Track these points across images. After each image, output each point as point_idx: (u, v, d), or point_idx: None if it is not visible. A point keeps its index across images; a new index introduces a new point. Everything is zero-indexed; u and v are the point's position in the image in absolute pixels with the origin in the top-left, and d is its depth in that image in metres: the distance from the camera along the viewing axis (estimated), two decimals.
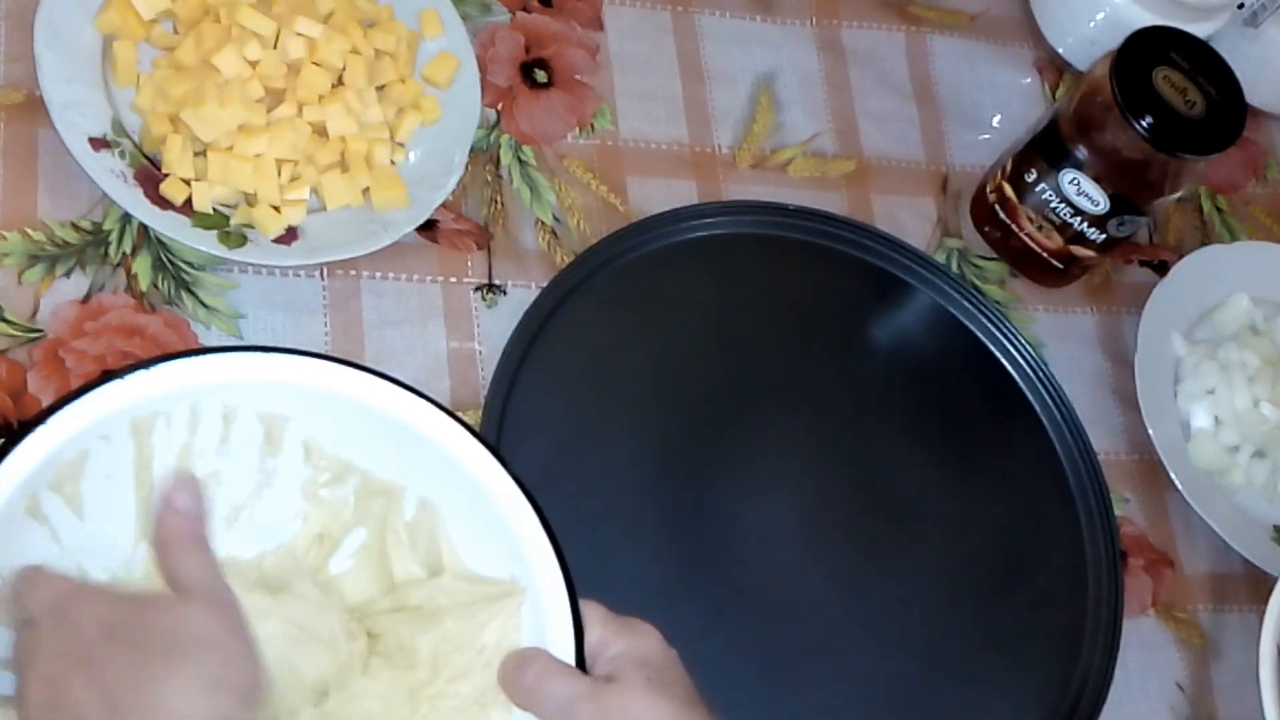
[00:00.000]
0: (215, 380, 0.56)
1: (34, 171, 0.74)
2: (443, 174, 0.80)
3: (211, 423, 0.58)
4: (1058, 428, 0.89)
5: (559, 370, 0.79)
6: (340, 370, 0.58)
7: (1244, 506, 0.91)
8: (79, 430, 0.53)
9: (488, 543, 0.59)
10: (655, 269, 0.84)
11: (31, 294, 0.71)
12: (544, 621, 0.57)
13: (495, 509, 0.58)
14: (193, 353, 0.56)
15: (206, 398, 0.57)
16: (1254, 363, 0.92)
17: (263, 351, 0.57)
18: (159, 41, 0.77)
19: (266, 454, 0.60)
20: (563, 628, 0.57)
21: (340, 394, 0.58)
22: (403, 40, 0.81)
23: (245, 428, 0.59)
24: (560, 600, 0.57)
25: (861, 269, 0.89)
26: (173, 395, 0.56)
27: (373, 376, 0.58)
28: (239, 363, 0.57)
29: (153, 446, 0.57)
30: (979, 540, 0.84)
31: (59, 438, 0.53)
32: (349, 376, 0.58)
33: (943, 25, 1.01)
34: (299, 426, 0.60)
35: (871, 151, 0.95)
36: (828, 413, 0.85)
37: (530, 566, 0.58)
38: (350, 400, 0.58)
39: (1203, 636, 0.88)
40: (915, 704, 0.79)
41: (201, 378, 0.56)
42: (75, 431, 0.53)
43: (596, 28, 0.91)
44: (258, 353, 0.57)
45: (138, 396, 0.54)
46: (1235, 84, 0.86)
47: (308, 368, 0.58)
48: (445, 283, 0.80)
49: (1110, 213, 0.87)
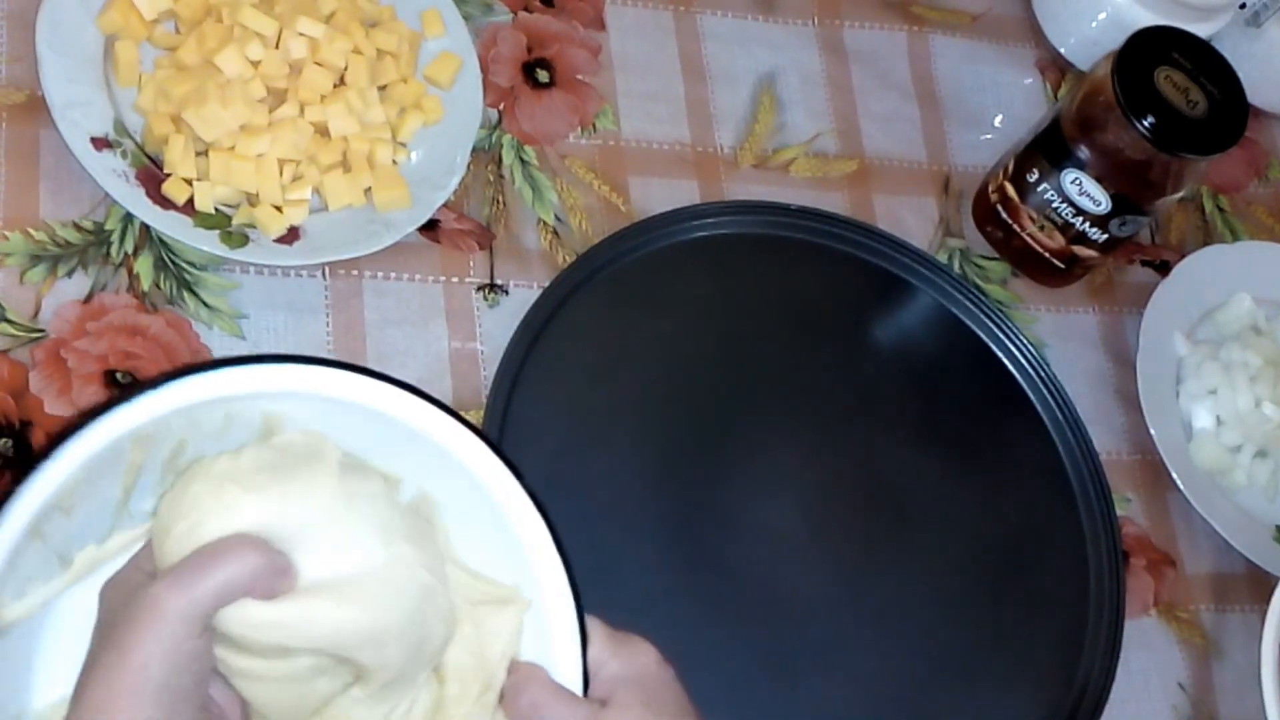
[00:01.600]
0: (223, 394, 0.56)
1: (36, 171, 0.74)
2: (445, 174, 0.80)
3: (212, 420, 0.58)
4: (1059, 428, 0.89)
5: (561, 370, 0.79)
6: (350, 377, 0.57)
7: (1246, 506, 0.91)
8: (85, 457, 0.53)
9: (491, 547, 0.59)
10: (657, 269, 0.84)
11: (33, 294, 0.71)
12: (549, 636, 0.57)
13: (502, 515, 0.57)
14: (200, 368, 0.56)
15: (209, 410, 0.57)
16: (1256, 363, 0.92)
17: (273, 362, 0.56)
18: (161, 41, 0.77)
19: (263, 440, 0.60)
20: (568, 645, 0.56)
21: (349, 400, 0.57)
22: (405, 40, 0.81)
23: (245, 422, 0.59)
24: (567, 616, 0.56)
25: (863, 269, 0.89)
26: (179, 410, 0.55)
27: (383, 382, 0.57)
28: (247, 376, 0.56)
29: (151, 447, 0.56)
30: (981, 540, 0.84)
31: (66, 469, 0.52)
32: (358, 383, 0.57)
33: (945, 25, 1.01)
34: (294, 422, 0.59)
35: (873, 151, 0.95)
36: (830, 412, 0.85)
37: (536, 577, 0.57)
38: (358, 406, 0.58)
39: (1204, 636, 0.88)
40: (917, 703, 0.79)
41: (210, 393, 0.56)
42: (82, 459, 0.53)
43: (598, 28, 0.91)
44: (268, 364, 0.56)
45: (145, 416, 0.54)
46: (1237, 84, 0.86)
47: (320, 377, 0.57)
48: (447, 283, 0.80)
49: (1112, 213, 0.87)
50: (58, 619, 0.56)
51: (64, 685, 0.55)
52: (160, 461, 0.57)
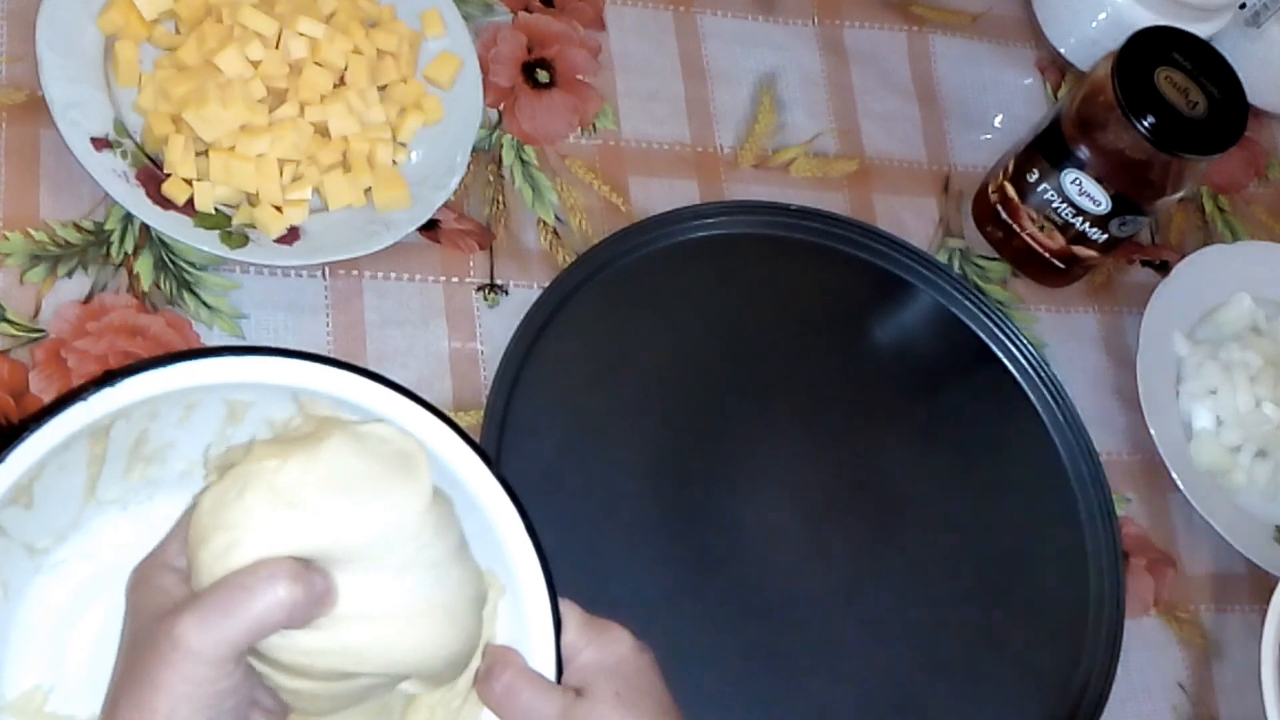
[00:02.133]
0: (183, 386, 0.55)
1: (36, 172, 0.74)
2: (445, 174, 0.80)
3: (172, 410, 0.57)
4: (1059, 428, 0.89)
5: (561, 370, 0.79)
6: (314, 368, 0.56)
7: (1246, 507, 0.91)
8: (39, 455, 0.51)
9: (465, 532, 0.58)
10: (657, 269, 0.84)
11: (33, 294, 0.71)
12: (524, 622, 0.56)
13: (474, 501, 0.56)
14: (158, 362, 0.55)
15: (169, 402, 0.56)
16: (1256, 363, 0.92)
17: (233, 355, 0.55)
18: (161, 41, 0.77)
19: (229, 424, 0.59)
20: (542, 630, 0.56)
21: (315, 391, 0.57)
22: (405, 40, 0.81)
23: (209, 410, 0.58)
24: (541, 602, 0.56)
25: (863, 269, 0.89)
26: (136, 404, 0.55)
27: (348, 373, 0.56)
28: (209, 368, 0.54)
29: (110, 439, 0.56)
30: (981, 540, 0.84)
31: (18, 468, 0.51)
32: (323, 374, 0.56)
33: (945, 25, 1.01)
34: (261, 410, 0.58)
35: (873, 151, 0.95)
36: (830, 412, 0.85)
37: (511, 564, 0.56)
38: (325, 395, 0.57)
39: (1204, 637, 0.88)
40: (916, 703, 0.79)
41: (167, 386, 0.55)
42: (35, 458, 0.51)
43: (599, 28, 0.91)
44: (228, 356, 0.55)
45: (102, 411, 0.53)
46: (1237, 84, 0.86)
47: (281, 368, 0.55)
48: (447, 283, 0.80)
49: (1112, 213, 0.87)
50: (27, 611, 0.56)
51: (35, 674, 0.55)
52: (124, 450, 0.57)
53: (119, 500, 0.59)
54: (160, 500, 0.60)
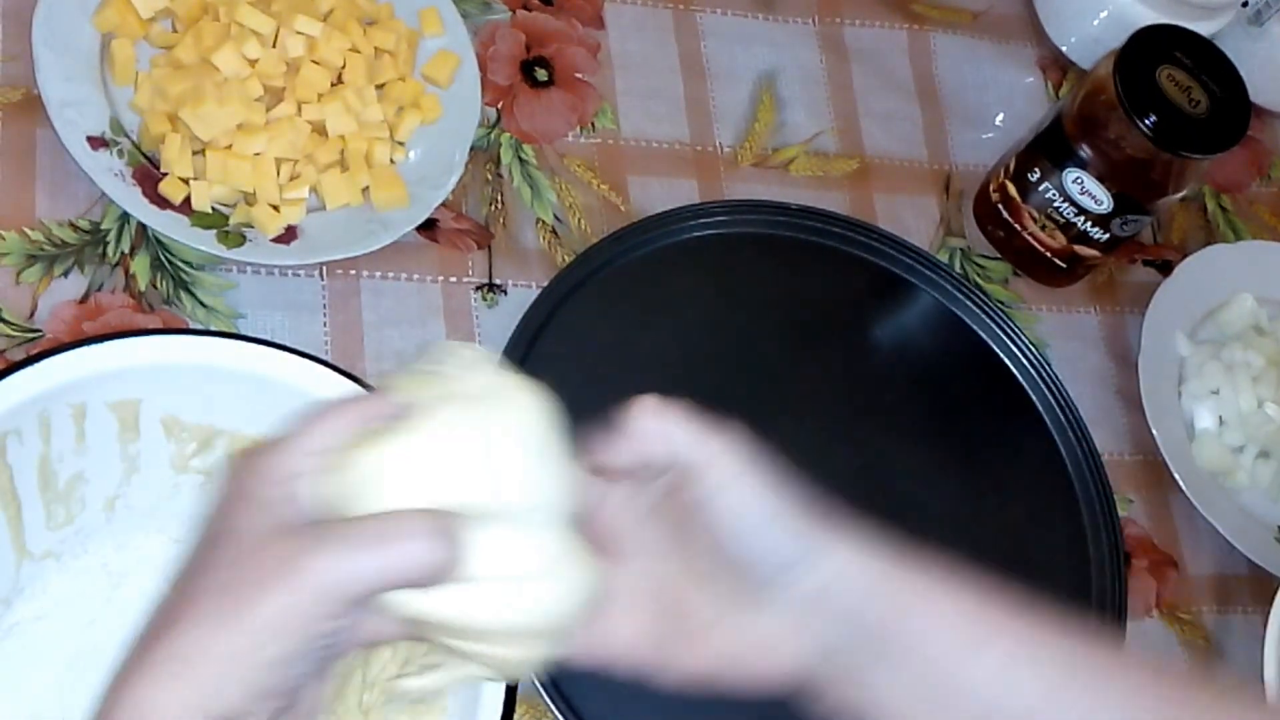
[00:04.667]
0: (57, 383, 0.56)
1: (32, 170, 0.74)
2: (443, 173, 0.79)
3: (63, 425, 0.57)
4: (1061, 428, 0.88)
5: (560, 370, 0.78)
6: (175, 340, 0.57)
7: (1248, 507, 0.91)
8: None
9: None
10: (657, 268, 0.83)
11: (29, 294, 0.71)
12: None
13: None
14: (25, 363, 0.55)
15: (51, 402, 0.56)
16: (1258, 363, 0.92)
17: (87, 345, 0.56)
18: (157, 40, 0.77)
19: (126, 440, 0.59)
20: None
21: (182, 363, 0.56)
22: (403, 38, 0.81)
23: (98, 421, 0.58)
24: None
25: (864, 269, 0.89)
26: (18, 408, 0.55)
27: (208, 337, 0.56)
28: (74, 361, 0.56)
29: (10, 465, 0.56)
30: (982, 541, 0.84)
31: None
32: (184, 344, 0.56)
33: (945, 24, 1.01)
34: (152, 407, 0.59)
35: (874, 150, 0.94)
36: (830, 412, 0.84)
37: None
38: (193, 366, 0.56)
39: (1207, 638, 0.88)
40: None
41: (42, 384, 0.55)
42: None
43: (597, 26, 0.90)
44: (85, 347, 0.56)
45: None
46: (1239, 82, 0.85)
47: (141, 347, 0.56)
48: (445, 282, 0.80)
49: (1114, 212, 0.86)
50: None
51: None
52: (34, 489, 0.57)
53: (54, 553, 0.60)
54: (94, 550, 0.61)
